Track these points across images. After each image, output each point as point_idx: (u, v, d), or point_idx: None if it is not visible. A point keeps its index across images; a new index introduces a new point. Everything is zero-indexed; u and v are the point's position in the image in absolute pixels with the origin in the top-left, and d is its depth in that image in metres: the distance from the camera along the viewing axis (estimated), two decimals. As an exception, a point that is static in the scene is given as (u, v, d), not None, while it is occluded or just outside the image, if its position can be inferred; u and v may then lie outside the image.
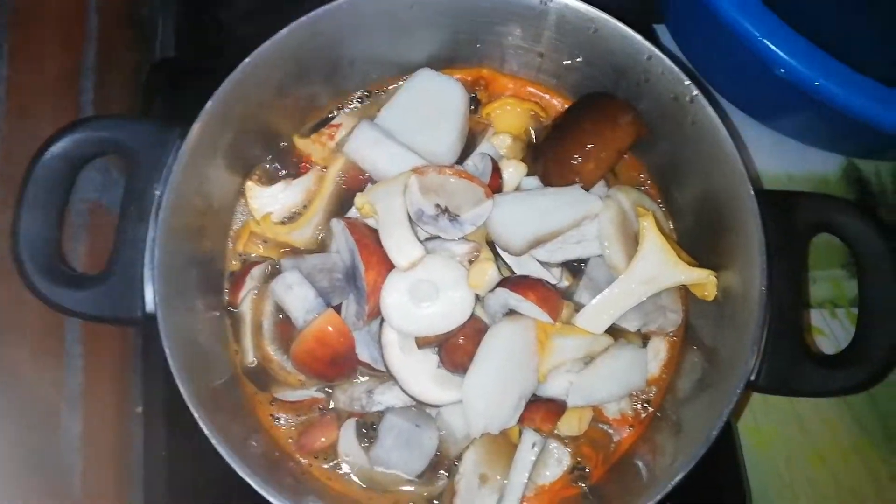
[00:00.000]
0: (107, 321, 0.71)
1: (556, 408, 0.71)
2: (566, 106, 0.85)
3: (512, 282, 0.71)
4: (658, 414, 0.77)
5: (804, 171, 1.05)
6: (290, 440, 0.76)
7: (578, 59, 0.79)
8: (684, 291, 0.78)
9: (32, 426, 0.78)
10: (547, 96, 0.86)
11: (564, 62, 0.80)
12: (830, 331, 0.98)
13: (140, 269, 0.69)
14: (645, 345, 0.78)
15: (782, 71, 0.80)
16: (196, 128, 0.70)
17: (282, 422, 0.77)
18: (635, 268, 0.72)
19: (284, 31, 0.72)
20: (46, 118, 0.82)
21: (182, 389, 0.66)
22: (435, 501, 0.74)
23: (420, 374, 0.72)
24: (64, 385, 0.82)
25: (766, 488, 0.91)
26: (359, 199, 0.74)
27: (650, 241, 0.72)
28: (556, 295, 0.71)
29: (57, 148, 0.70)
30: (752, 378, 0.67)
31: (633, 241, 0.74)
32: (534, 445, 0.71)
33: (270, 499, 0.65)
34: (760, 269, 0.66)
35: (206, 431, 0.65)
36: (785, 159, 1.05)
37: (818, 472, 0.93)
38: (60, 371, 0.82)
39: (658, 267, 0.71)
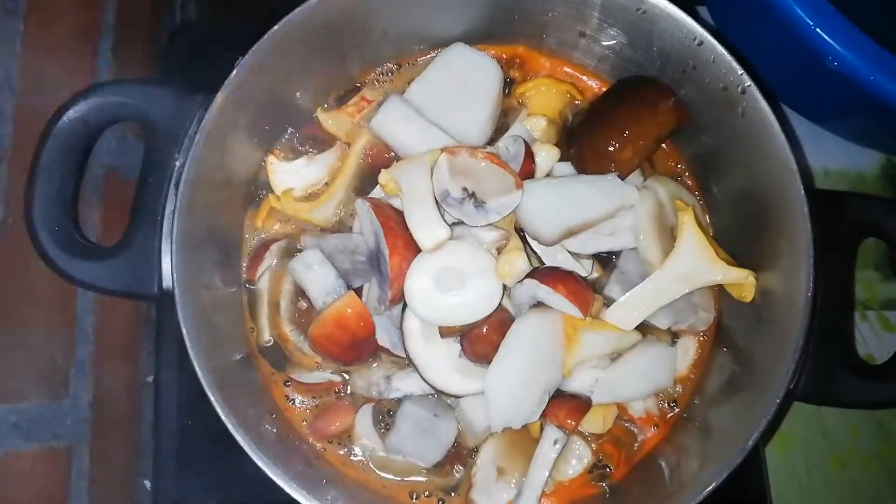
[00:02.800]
0: (122, 295, 0.69)
1: (580, 404, 0.69)
2: (604, 89, 0.81)
3: (541, 273, 0.68)
4: (685, 415, 0.75)
5: (841, 167, 1.02)
6: (305, 423, 0.75)
7: (621, 41, 0.75)
8: (718, 290, 0.76)
9: (42, 394, 0.76)
10: (584, 78, 0.82)
11: (606, 43, 0.77)
12: (860, 334, 0.96)
13: (157, 243, 0.67)
14: (674, 343, 0.76)
15: (835, 63, 0.76)
16: (220, 97, 0.67)
17: (297, 403, 0.75)
18: (671, 264, 0.69)
19: (315, -2, 0.69)
20: (63, 79, 0.79)
21: (197, 367, 0.65)
22: (451, 492, 0.73)
23: (441, 363, 0.70)
24: (74, 353, 0.80)
25: (785, 492, 0.89)
26: (383, 175, 0.71)
27: (688, 237, 0.69)
28: (587, 289, 0.68)
29: (74, 112, 0.67)
30: (790, 386, 0.64)
31: (668, 236, 0.71)
32: (556, 442, 0.69)
33: (281, 483, 0.64)
34: (807, 273, 0.63)
35: (219, 412, 0.64)
36: (822, 154, 1.01)
37: (838, 478, 0.91)
38: (71, 339, 0.80)
39: (695, 264, 0.68)
